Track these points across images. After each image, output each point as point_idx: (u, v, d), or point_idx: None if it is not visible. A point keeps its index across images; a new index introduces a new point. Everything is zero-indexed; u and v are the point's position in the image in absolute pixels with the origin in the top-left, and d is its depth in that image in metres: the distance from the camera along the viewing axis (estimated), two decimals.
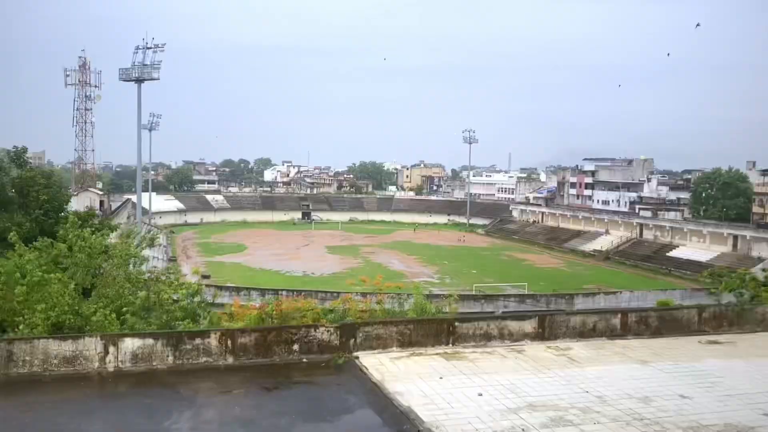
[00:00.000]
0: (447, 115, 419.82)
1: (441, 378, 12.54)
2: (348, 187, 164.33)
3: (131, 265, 20.48)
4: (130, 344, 12.74)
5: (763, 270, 32.25)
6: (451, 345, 14.67)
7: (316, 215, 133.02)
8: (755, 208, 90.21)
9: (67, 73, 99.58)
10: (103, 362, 12.53)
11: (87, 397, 11.72)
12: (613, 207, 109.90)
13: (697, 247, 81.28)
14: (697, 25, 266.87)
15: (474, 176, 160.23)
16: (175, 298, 19.36)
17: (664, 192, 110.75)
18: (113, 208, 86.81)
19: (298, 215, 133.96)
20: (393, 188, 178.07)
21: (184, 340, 13.08)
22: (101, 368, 12.49)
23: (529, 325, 15.47)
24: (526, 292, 53.42)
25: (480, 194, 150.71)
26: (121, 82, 63.01)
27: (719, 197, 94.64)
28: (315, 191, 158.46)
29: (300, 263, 74.31)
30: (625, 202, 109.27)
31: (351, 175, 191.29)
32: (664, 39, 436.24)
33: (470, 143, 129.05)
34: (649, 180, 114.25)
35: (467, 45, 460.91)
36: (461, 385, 12.19)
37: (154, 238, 24.98)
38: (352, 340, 13.97)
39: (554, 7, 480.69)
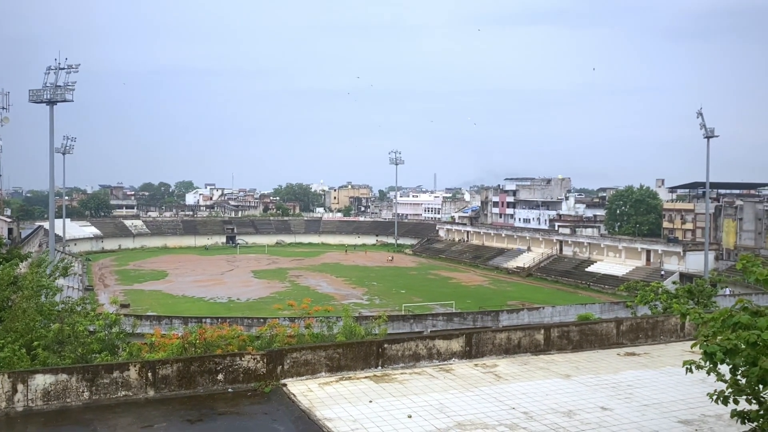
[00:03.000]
0: (373, 136, 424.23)
1: (371, 401, 12.46)
2: (274, 210, 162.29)
3: (43, 296, 19.48)
4: (41, 381, 11.99)
5: (674, 282, 34.00)
6: (380, 367, 14.62)
7: (242, 239, 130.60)
8: (665, 224, 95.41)
9: None
10: (10, 402, 11.73)
11: None
12: (533, 225, 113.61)
13: (614, 262, 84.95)
14: None
15: (401, 197, 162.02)
16: (91, 329, 18.51)
17: (581, 209, 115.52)
18: (23, 236, 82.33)
19: (222, 239, 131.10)
20: (320, 210, 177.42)
21: (101, 374, 12.45)
22: (9, 408, 11.69)
23: (456, 344, 15.63)
24: (454, 311, 54.13)
25: (407, 214, 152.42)
26: (32, 104, 60.07)
27: (632, 214, 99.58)
28: (240, 214, 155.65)
29: (225, 289, 72.58)
30: (545, 220, 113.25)
31: (277, 197, 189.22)
32: (578, 65, 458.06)
33: (396, 164, 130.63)
34: (566, 198, 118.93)
35: (390, 69, 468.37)
36: (391, 407, 12.14)
37: (67, 266, 23.84)
38: (279, 367, 13.69)
39: (474, 34, 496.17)
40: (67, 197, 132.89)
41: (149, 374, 12.69)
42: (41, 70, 58.69)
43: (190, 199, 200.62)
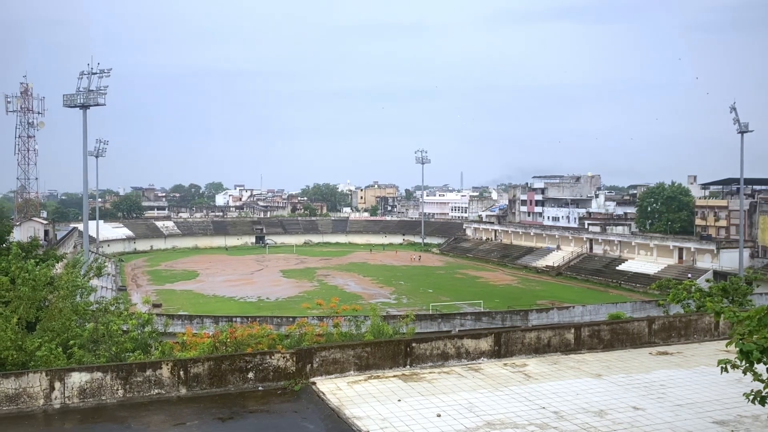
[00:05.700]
0: (399, 135, 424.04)
1: (399, 400, 12.47)
2: (302, 210, 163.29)
3: (78, 296, 19.86)
4: (77, 379, 12.27)
5: (708, 281, 33.38)
6: (408, 366, 14.62)
7: (270, 239, 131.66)
8: (698, 221, 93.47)
9: (8, 99, 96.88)
10: (48, 399, 12.02)
11: None
12: (563, 223, 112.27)
13: (645, 260, 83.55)
14: None
15: (427, 196, 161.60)
16: (124, 328, 18.83)
17: (611, 207, 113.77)
18: (59, 238, 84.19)
19: (251, 239, 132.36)
20: (347, 210, 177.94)
21: (134, 372, 12.68)
22: (47, 405, 11.98)
23: (485, 343, 15.56)
24: (482, 310, 53.84)
25: (434, 213, 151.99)
26: (66, 108, 61.40)
27: (664, 211, 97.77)
28: (268, 215, 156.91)
29: (254, 288, 73.25)
30: (575, 218, 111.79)
31: (305, 198, 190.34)
32: (607, 61, 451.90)
33: (423, 163, 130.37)
34: (596, 196, 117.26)
35: (414, 68, 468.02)
36: (419, 406, 12.14)
37: (101, 267, 24.26)
38: (308, 366, 13.78)
39: (501, 30, 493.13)
40: (100, 199, 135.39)
41: (181, 373, 12.88)
42: (74, 75, 60.03)
43: (220, 200, 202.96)
